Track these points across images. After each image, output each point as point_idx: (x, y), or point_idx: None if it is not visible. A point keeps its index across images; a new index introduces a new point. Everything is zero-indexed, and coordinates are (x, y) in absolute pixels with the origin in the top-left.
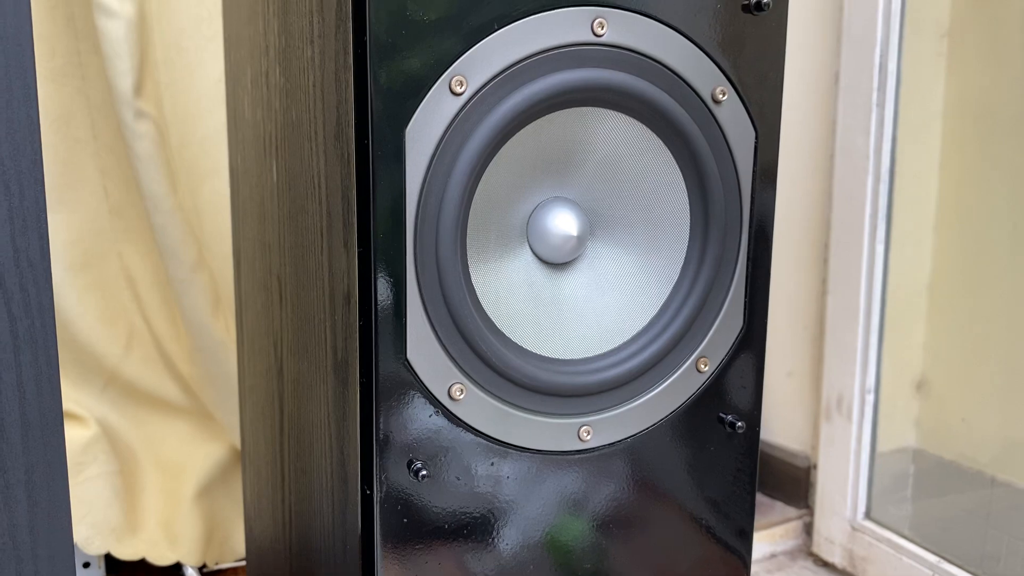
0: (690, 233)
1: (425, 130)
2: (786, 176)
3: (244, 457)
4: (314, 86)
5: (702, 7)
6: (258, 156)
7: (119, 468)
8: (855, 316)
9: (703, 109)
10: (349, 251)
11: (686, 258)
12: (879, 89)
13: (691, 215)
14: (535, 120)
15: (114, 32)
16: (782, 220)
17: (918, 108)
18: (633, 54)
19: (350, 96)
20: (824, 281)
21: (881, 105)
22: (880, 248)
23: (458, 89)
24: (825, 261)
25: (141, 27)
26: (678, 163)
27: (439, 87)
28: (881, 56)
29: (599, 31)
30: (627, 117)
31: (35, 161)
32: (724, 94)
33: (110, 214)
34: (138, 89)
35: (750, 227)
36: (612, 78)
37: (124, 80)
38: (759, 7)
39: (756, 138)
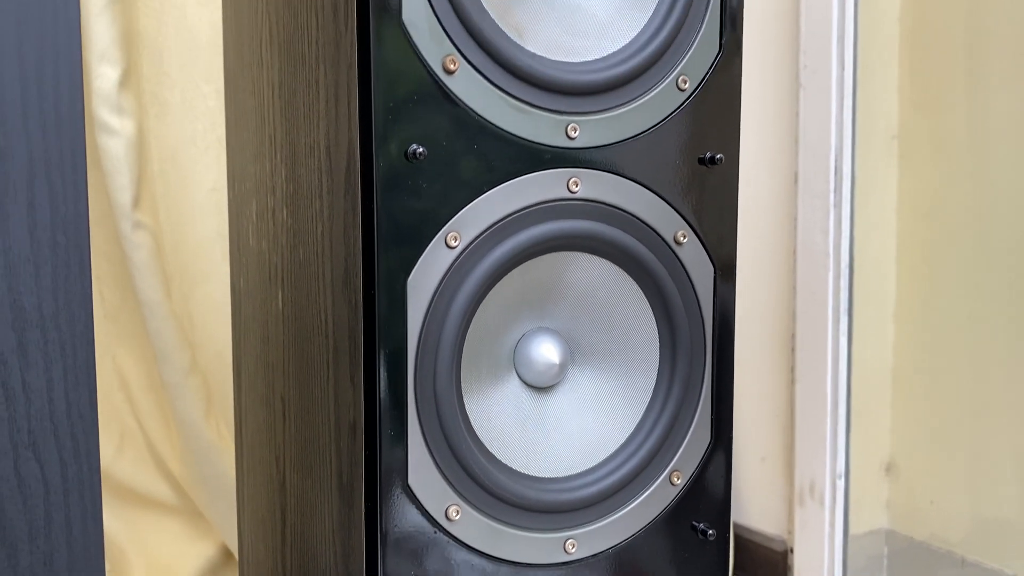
0: (660, 358)
1: (424, 280)
2: (753, 269)
3: (242, 563)
4: (322, 235)
5: (663, 163)
6: (263, 282)
7: (109, 568)
8: (823, 404)
9: (667, 250)
10: (355, 386)
11: (657, 379)
12: (835, 191)
13: (660, 342)
14: (521, 264)
15: (114, 150)
16: (751, 310)
17: (874, 206)
18: (604, 206)
19: (358, 250)
20: (792, 369)
21: (838, 205)
22: (843, 340)
23: (453, 243)
24: (792, 350)
25: (140, 144)
26: (647, 298)
27: (436, 242)
28: (836, 159)
29: (574, 188)
30: (601, 259)
31: (87, 326)
32: (685, 237)
33: (105, 319)
34: (136, 202)
35: (713, 351)
36: (586, 227)
37: (123, 195)
38: (712, 161)
39: (715, 274)
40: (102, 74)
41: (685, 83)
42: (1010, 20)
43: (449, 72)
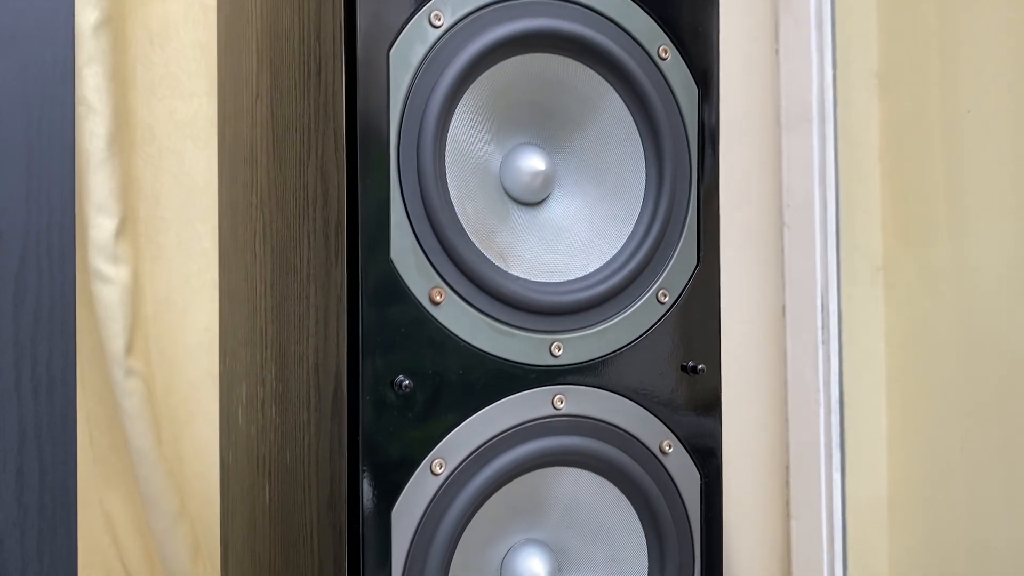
0: (648, 569)
1: (409, 509)
2: (745, 402)
3: None
4: (309, 448)
5: (646, 374)
6: (251, 468)
7: None
8: (819, 539)
9: (653, 460)
10: None
11: None
12: (823, 328)
13: (648, 554)
14: (506, 484)
15: (108, 297)
16: (744, 443)
17: (862, 339)
18: (589, 420)
19: (343, 477)
20: (787, 503)
21: (826, 342)
22: (837, 475)
23: (438, 470)
24: (787, 484)
25: (135, 290)
26: (635, 509)
27: (422, 470)
28: (822, 296)
29: (559, 405)
30: (588, 472)
31: (69, 503)
32: (671, 447)
33: (94, 462)
34: (129, 348)
35: (702, 559)
36: (571, 444)
37: (116, 342)
38: (695, 371)
39: (702, 481)
40: (99, 224)
41: (665, 296)
42: (987, 155)
43: (435, 303)
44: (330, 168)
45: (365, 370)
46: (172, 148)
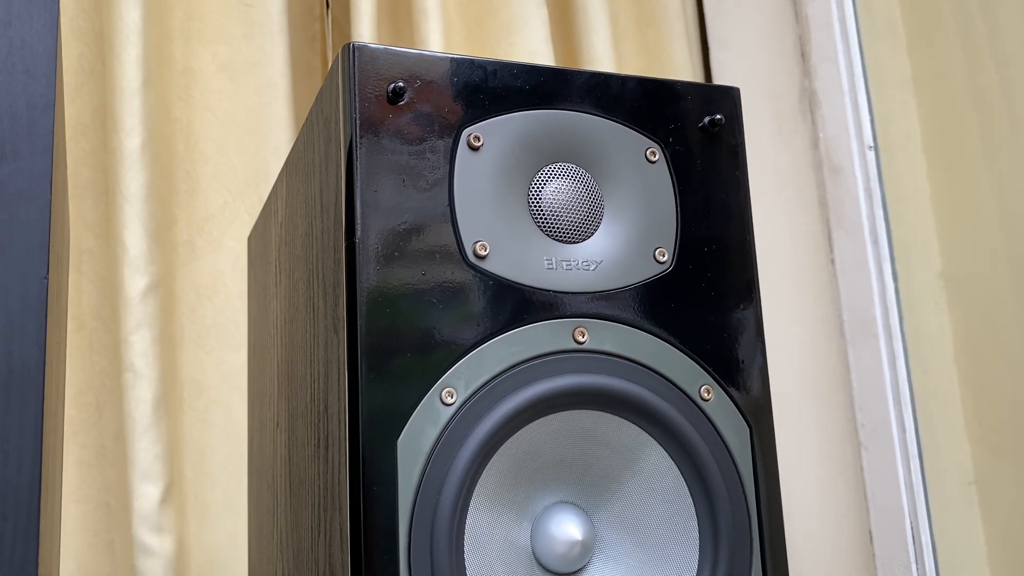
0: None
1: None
2: None
3: None
4: None
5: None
6: None
7: None
8: None
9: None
10: None
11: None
12: (916, 560)
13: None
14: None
15: (152, 572)
16: None
17: (962, 565)
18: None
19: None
20: None
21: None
22: None
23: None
24: None
25: (179, 561)
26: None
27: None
28: (911, 521)
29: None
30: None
31: None
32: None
33: None
34: None
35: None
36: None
37: None
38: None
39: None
40: (143, 494)
41: None
42: None
43: None
44: (336, 565)
45: None
46: (220, 400)
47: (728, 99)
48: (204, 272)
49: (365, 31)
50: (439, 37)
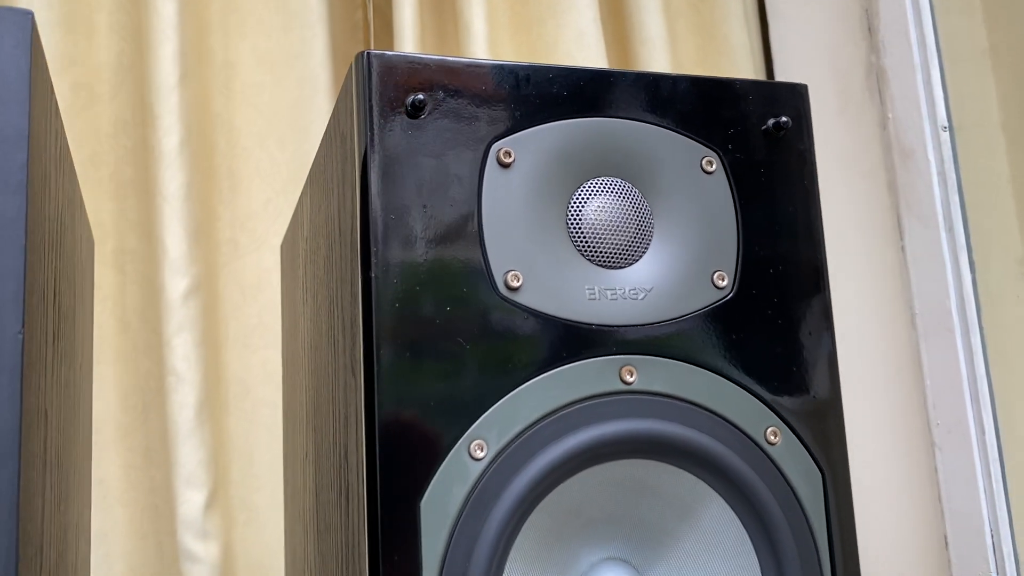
0: None
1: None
2: None
3: None
4: None
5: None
6: None
7: None
8: None
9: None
10: None
11: None
12: (998, 571)
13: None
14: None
15: None
16: None
17: None
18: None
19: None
20: None
21: None
22: None
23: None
24: None
25: (224, 565)
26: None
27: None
28: (992, 533)
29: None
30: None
31: None
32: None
33: None
34: None
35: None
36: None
37: None
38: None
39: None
40: (188, 499)
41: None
42: None
43: None
44: None
45: None
46: (266, 400)
47: (795, 97)
48: (248, 270)
49: (407, 16)
50: (483, 19)
